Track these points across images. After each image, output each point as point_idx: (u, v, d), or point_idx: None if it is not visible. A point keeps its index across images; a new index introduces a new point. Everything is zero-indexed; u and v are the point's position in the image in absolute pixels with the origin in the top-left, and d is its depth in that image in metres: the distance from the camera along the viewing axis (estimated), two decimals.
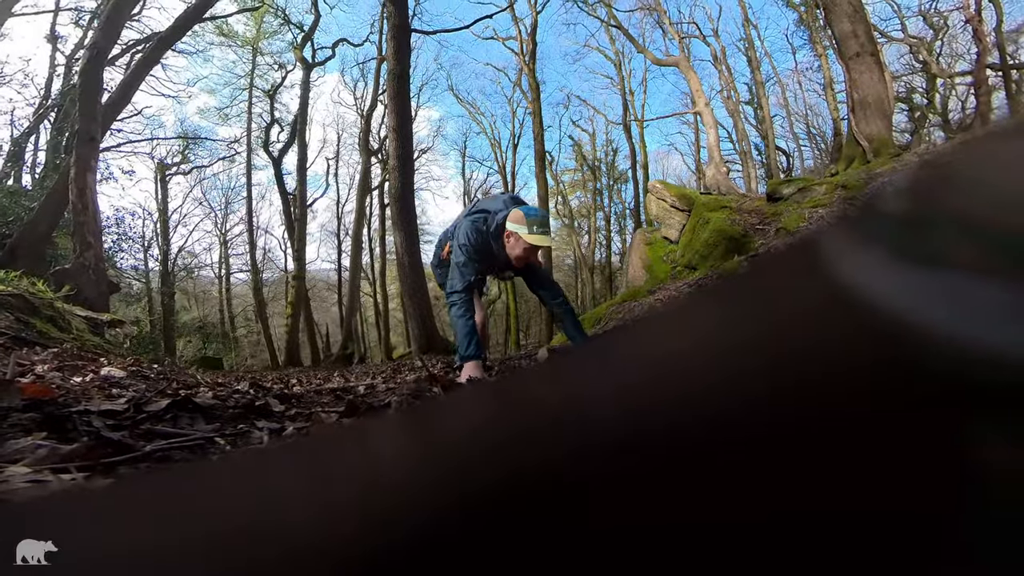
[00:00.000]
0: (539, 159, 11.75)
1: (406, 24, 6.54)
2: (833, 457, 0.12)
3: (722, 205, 5.55)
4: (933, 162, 0.15)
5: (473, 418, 0.16)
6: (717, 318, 0.15)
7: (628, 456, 0.13)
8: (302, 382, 2.15)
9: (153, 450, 0.62)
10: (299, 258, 11.95)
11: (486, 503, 0.13)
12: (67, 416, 0.66)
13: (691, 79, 10.70)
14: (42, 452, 0.46)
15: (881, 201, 0.15)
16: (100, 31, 5.53)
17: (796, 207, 4.69)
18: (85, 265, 4.54)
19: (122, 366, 1.52)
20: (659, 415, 0.14)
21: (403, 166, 6.18)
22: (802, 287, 0.14)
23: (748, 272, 0.16)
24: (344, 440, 0.17)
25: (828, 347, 0.13)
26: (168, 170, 14.72)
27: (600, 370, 0.15)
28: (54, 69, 10.32)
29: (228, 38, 12.95)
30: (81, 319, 2.82)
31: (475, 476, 0.14)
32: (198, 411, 0.87)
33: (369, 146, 13.37)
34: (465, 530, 0.13)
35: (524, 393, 0.16)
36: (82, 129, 4.99)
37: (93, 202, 4.90)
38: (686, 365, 0.14)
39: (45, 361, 1.33)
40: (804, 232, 0.18)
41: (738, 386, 0.13)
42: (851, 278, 0.14)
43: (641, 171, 15.14)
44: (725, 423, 0.13)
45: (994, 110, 9.68)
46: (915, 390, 0.12)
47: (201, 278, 17.94)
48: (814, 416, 0.13)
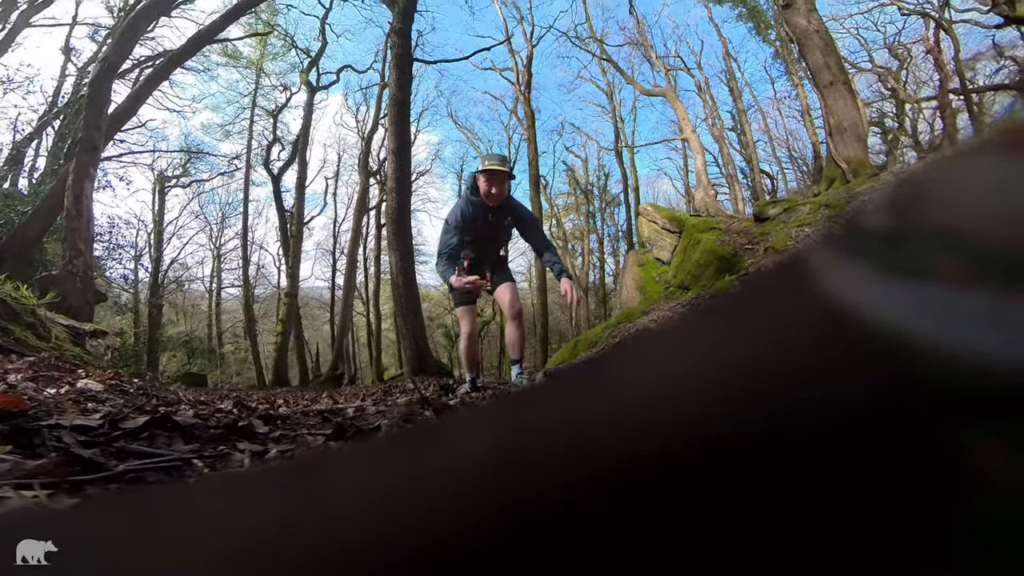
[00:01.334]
0: (534, 183, 12.14)
1: (409, 54, 6.89)
2: (831, 475, 0.12)
3: (712, 226, 5.70)
4: (909, 180, 0.16)
5: (467, 442, 0.15)
6: (711, 338, 0.15)
7: (624, 480, 0.13)
8: (288, 402, 2.07)
9: (125, 470, 0.58)
10: (293, 275, 11.89)
11: (482, 530, 0.13)
12: (36, 430, 0.62)
13: (678, 108, 11.31)
14: (4, 466, 0.43)
15: (863, 218, 0.16)
16: (113, 46, 5.72)
17: (783, 226, 4.85)
18: (73, 272, 4.46)
19: (101, 379, 1.46)
20: (654, 438, 0.13)
21: (401, 188, 6.31)
22: (793, 304, 0.15)
23: (740, 291, 0.16)
24: (330, 463, 0.16)
25: (821, 363, 0.13)
26: (167, 182, 14.85)
27: (595, 393, 0.15)
28: (64, 79, 10.66)
29: (233, 59, 13.54)
30: (63, 327, 2.73)
31: (470, 502, 0.13)
32: (177, 430, 0.82)
33: (368, 167, 13.68)
34: (461, 558, 0.13)
35: (519, 416, 0.16)
36: (85, 137, 5.04)
37: (88, 209, 4.88)
38: (680, 387, 0.14)
39: (20, 370, 1.27)
40: (792, 250, 0.20)
41: (734, 407, 0.13)
42: (839, 293, 0.14)
43: (632, 194, 15.70)
44: (721, 445, 0.13)
45: (960, 130, 10.49)
46: (908, 401, 0.12)
47: (191, 291, 17.69)
48: (810, 434, 0.13)
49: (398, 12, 6.80)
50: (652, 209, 7.08)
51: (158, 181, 14.55)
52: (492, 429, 0.15)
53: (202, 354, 15.25)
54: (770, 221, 5.18)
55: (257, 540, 0.13)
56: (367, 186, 13.67)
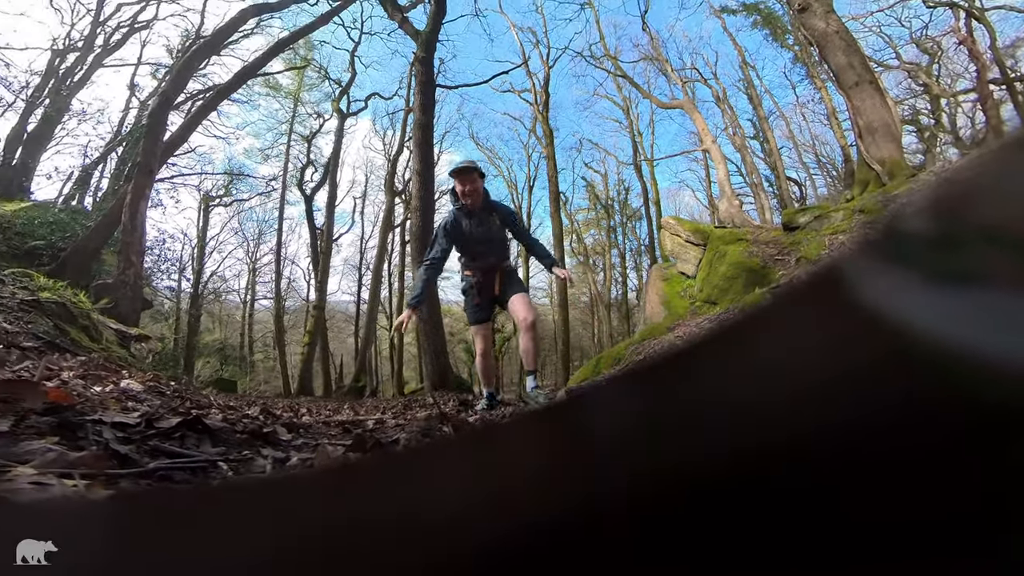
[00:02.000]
0: (554, 199, 12.20)
1: (432, 80, 7.26)
2: (880, 493, 0.12)
3: (738, 238, 5.50)
4: (953, 178, 0.15)
5: (483, 459, 0.15)
6: (745, 354, 0.14)
7: (648, 506, 0.13)
8: (311, 412, 2.11)
9: (156, 468, 0.60)
10: (321, 289, 12.34)
11: (490, 548, 0.13)
12: (81, 424, 0.65)
13: (696, 119, 11.11)
14: (51, 456, 0.45)
15: (903, 221, 0.15)
16: (170, 82, 6.38)
17: (815, 235, 4.61)
18: (125, 282, 4.83)
19: (141, 380, 1.54)
20: (682, 454, 0.13)
21: (424, 207, 6.51)
22: (832, 315, 0.14)
23: (774, 303, 0.15)
24: (348, 474, 0.16)
25: (865, 377, 0.13)
26: (211, 201, 16.02)
27: (616, 411, 0.14)
28: (128, 111, 12.07)
29: (274, 90, 14.85)
30: (112, 331, 2.92)
31: (480, 519, 0.13)
32: (206, 432, 0.85)
33: (394, 187, 14.24)
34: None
35: (536, 433, 0.15)
36: (143, 162, 5.61)
37: (142, 226, 5.36)
38: (709, 407, 0.13)
39: (72, 368, 1.36)
40: (827, 259, 0.17)
41: (771, 425, 0.13)
42: (882, 302, 0.13)
43: (654, 208, 15.44)
44: (748, 465, 0.12)
45: (1005, 122, 9.55)
46: (962, 418, 0.12)
47: (227, 302, 18.66)
48: (855, 453, 0.12)
49: (421, 42, 7.22)
50: (675, 222, 6.90)
51: (203, 200, 15.76)
52: (504, 451, 0.15)
53: (234, 361, 15.90)
54: (800, 230, 4.95)
55: (274, 545, 0.13)
56: (392, 205, 14.20)
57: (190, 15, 12.91)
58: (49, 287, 2.71)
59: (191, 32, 12.14)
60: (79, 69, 10.48)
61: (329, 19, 8.30)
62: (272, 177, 16.16)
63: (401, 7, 8.19)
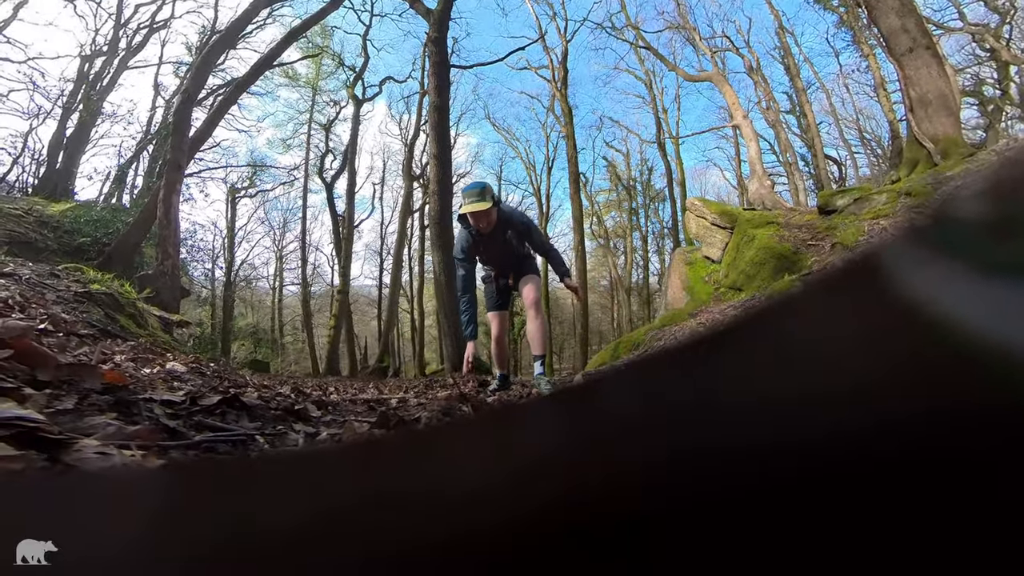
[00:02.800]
0: (573, 181, 11.84)
1: (445, 61, 7.07)
2: (908, 504, 0.11)
3: (768, 221, 5.22)
4: (1018, 158, 0.14)
5: (501, 440, 0.15)
6: (770, 343, 0.13)
7: (672, 494, 0.12)
8: (339, 390, 2.22)
9: (201, 440, 0.66)
10: (344, 274, 12.70)
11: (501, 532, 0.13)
12: (134, 401, 0.72)
13: (726, 92, 10.34)
14: (111, 430, 0.51)
15: (956, 206, 0.13)
16: (190, 79, 6.52)
17: (853, 219, 4.30)
18: (164, 272, 5.13)
19: (184, 362, 1.66)
20: (695, 457, 0.12)
21: (442, 191, 6.50)
22: (868, 307, 0.13)
23: (802, 292, 0.14)
24: (374, 449, 0.17)
25: (902, 376, 0.12)
26: (238, 193, 16.56)
27: (634, 396, 0.14)
28: (155, 110, 12.60)
29: (292, 80, 14.94)
30: (156, 318, 3.13)
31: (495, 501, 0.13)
32: (244, 409, 0.92)
33: (412, 172, 14.23)
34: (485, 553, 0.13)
35: (554, 415, 0.15)
36: (172, 158, 5.85)
37: (175, 219, 5.65)
38: (731, 402, 0.13)
39: (123, 352, 1.48)
40: (866, 245, 0.17)
41: (794, 422, 0.12)
42: (926, 295, 0.12)
43: (678, 188, 14.79)
44: (774, 465, 0.12)
45: None
46: (1017, 420, 0.11)
47: (257, 288, 19.55)
48: (887, 458, 0.11)
49: (433, 22, 7.00)
50: (700, 203, 6.59)
51: (230, 192, 16.33)
52: (518, 429, 0.15)
53: (266, 343, 16.80)
54: (838, 213, 4.63)
55: (309, 511, 0.14)
56: (411, 190, 14.26)
57: (204, 11, 13.13)
58: (98, 279, 2.91)
59: (207, 28, 12.34)
60: (107, 73, 10.96)
61: (339, 3, 8.16)
62: (294, 167, 16.55)
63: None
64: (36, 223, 6.50)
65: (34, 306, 1.75)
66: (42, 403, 0.51)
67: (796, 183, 12.39)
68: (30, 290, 2.07)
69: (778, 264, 4.35)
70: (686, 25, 13.01)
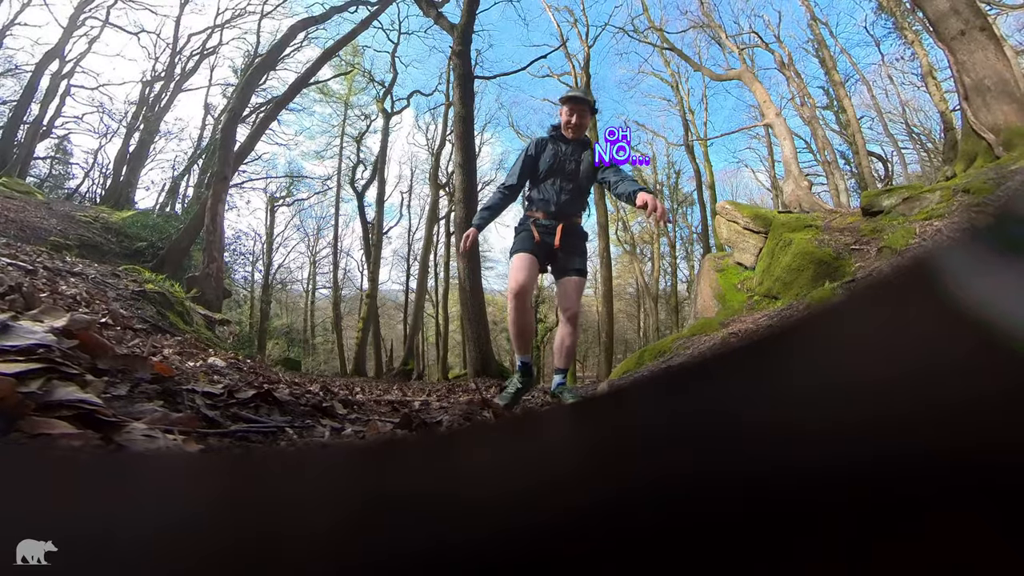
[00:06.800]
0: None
1: (469, 73, 7.26)
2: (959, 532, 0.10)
3: (806, 224, 4.88)
4: None
5: (522, 447, 0.15)
6: (808, 356, 0.12)
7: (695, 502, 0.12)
8: (365, 391, 2.28)
9: (236, 430, 0.70)
10: (373, 279, 13.12)
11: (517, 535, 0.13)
12: (178, 391, 0.77)
13: (756, 90, 9.79)
14: (157, 415, 0.55)
15: (1023, 203, 0.12)
16: (236, 99, 7.12)
17: (902, 220, 3.94)
18: (209, 274, 5.52)
19: (224, 358, 1.76)
20: (721, 472, 0.12)
21: (467, 198, 6.62)
22: (922, 316, 0.12)
23: (847, 300, 0.13)
24: (397, 449, 0.17)
25: (959, 393, 0.11)
26: (276, 202, 17.69)
27: (659, 408, 0.14)
28: (204, 127, 14.07)
29: (326, 96, 15.94)
30: (201, 316, 3.35)
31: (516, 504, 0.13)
32: (276, 404, 0.96)
33: (438, 180, 14.59)
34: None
35: (574, 425, 0.15)
36: (218, 171, 6.37)
37: (221, 226, 6.11)
38: (761, 416, 0.12)
39: (171, 346, 1.58)
40: (918, 249, 0.13)
41: (834, 440, 0.11)
42: (988, 302, 0.11)
43: (708, 191, 14.25)
44: (805, 486, 0.11)
45: None
46: None
47: (292, 291, 20.58)
48: (940, 484, 0.10)
49: (457, 36, 7.22)
50: (731, 207, 6.26)
51: (269, 201, 17.54)
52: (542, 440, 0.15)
53: (298, 343, 17.60)
54: (884, 215, 4.27)
55: (332, 501, 0.14)
56: (437, 198, 14.62)
57: (248, 36, 14.38)
58: (152, 280, 3.16)
59: (250, 52, 13.45)
60: (164, 95, 12.25)
61: (369, 23, 8.62)
62: (327, 177, 17.54)
63: (435, 3, 8.25)
64: (102, 228, 7.22)
65: (97, 302, 1.92)
66: (100, 389, 0.56)
67: (836, 183, 11.55)
68: (95, 288, 2.27)
69: (817, 270, 4.06)
70: (711, 23, 12.54)
